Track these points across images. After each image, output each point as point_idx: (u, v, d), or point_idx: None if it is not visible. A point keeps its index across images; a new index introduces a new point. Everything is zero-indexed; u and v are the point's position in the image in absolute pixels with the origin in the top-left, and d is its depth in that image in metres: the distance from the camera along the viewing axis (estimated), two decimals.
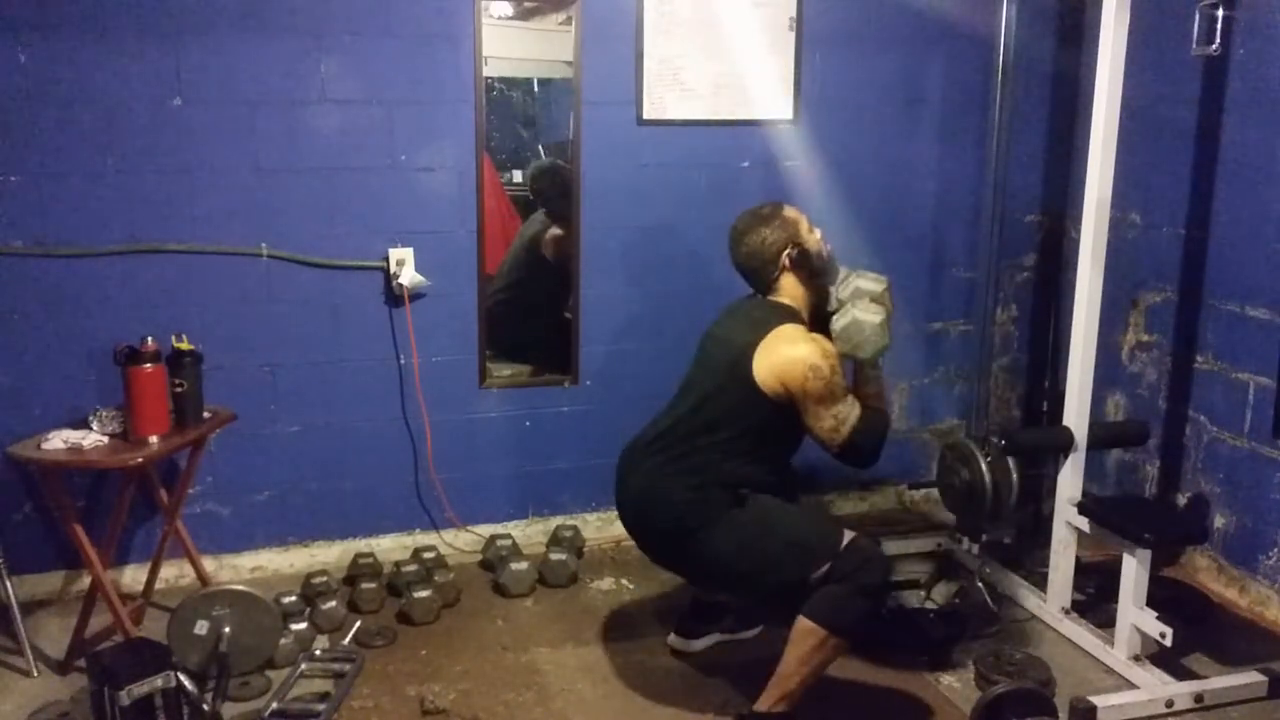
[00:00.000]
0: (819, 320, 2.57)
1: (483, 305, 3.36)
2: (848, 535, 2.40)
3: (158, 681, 2.23)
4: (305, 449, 3.27)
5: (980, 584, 3.18)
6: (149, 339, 2.72)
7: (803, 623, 2.35)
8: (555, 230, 3.49)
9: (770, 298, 2.56)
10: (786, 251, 2.50)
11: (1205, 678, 2.70)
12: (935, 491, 3.36)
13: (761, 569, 2.41)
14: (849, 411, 2.38)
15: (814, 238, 2.55)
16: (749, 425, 2.43)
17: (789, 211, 2.56)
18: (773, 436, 2.48)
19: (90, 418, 2.76)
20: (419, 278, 3.23)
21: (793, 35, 3.45)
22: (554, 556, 3.26)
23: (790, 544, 2.40)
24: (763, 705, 2.42)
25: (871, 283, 2.51)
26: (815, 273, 2.54)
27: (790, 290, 2.53)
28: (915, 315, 3.82)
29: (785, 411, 2.41)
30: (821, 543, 2.38)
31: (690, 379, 2.61)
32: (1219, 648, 2.89)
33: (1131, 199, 3.48)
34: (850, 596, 2.33)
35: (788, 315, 2.48)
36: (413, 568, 3.17)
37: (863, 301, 2.46)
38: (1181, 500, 3.40)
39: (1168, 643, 2.65)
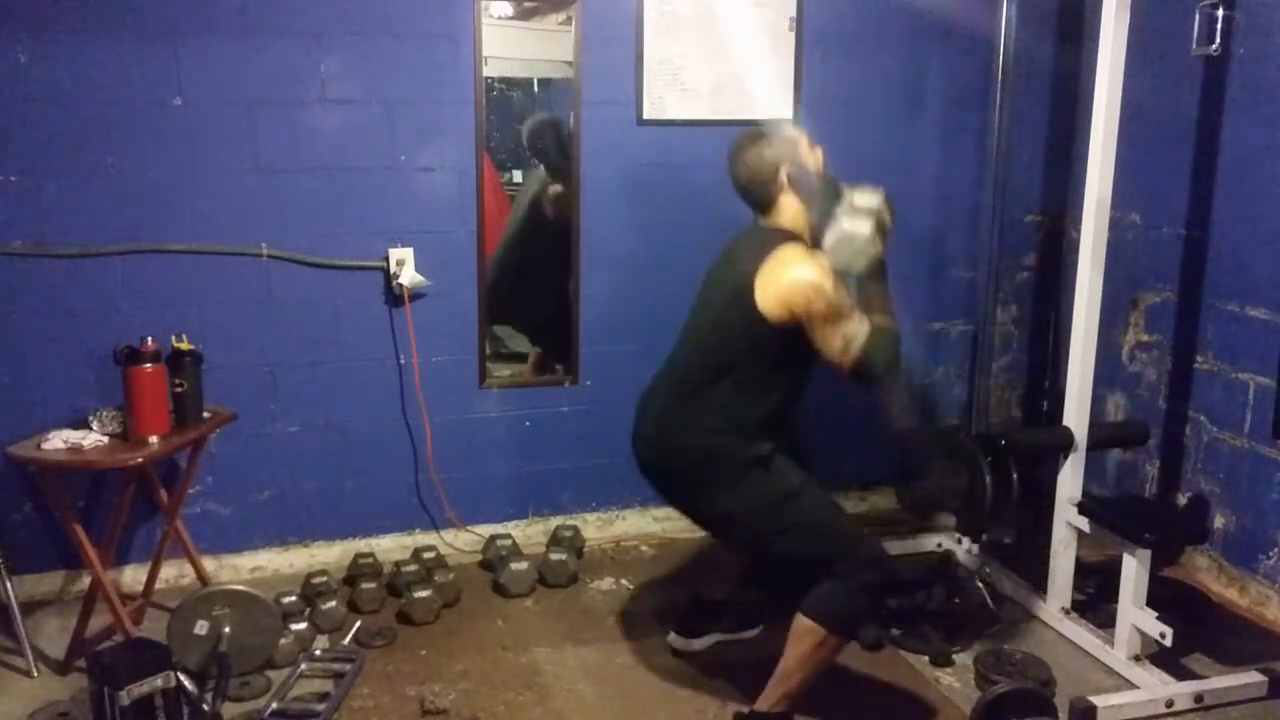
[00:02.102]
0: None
1: (483, 305, 3.36)
2: (859, 531, 2.40)
3: (158, 681, 2.23)
4: (305, 449, 3.27)
5: (980, 584, 3.18)
6: (149, 339, 2.72)
7: (802, 621, 2.35)
8: (556, 187, 3.45)
9: (768, 223, 2.47)
10: (784, 168, 2.41)
11: (1205, 678, 2.70)
12: (934, 491, 3.36)
13: (774, 535, 2.39)
14: (857, 329, 2.29)
15: (814, 157, 2.48)
16: (761, 357, 2.37)
17: (789, 129, 2.51)
18: (786, 365, 2.40)
19: (90, 418, 2.76)
20: (419, 278, 3.23)
21: (793, 35, 3.45)
22: (554, 556, 3.26)
23: (810, 525, 2.38)
24: (763, 705, 2.43)
25: (864, 196, 2.36)
26: (814, 194, 2.43)
27: (789, 213, 2.44)
28: (915, 315, 3.81)
29: (794, 338, 2.33)
30: (838, 533, 2.38)
31: (695, 320, 2.56)
32: (1219, 648, 2.89)
33: (1131, 199, 3.47)
34: (850, 594, 2.33)
35: (786, 238, 2.39)
36: (413, 568, 3.17)
37: (850, 215, 2.34)
38: (1181, 500, 3.39)
39: (1168, 643, 2.65)
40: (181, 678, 2.30)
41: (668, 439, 2.48)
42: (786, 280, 2.30)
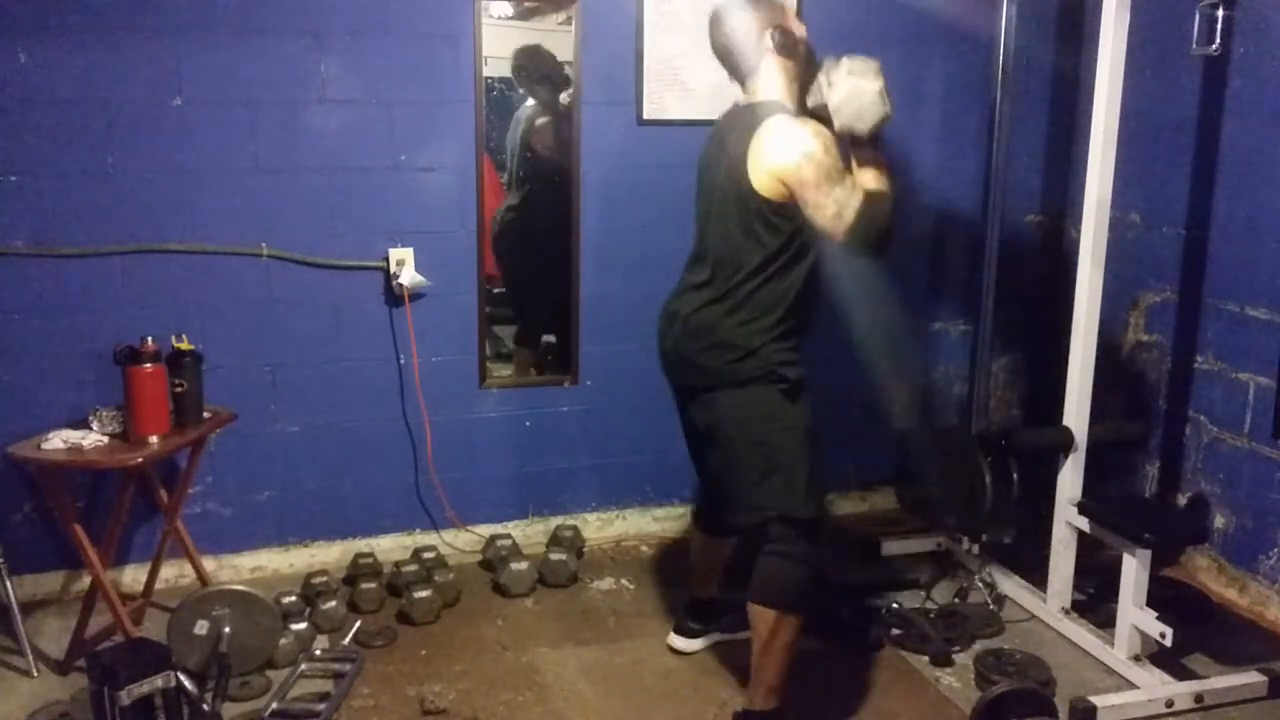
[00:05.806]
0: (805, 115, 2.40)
1: (483, 305, 3.36)
2: (820, 500, 2.40)
3: (158, 681, 2.23)
4: (305, 449, 3.27)
5: (980, 584, 3.18)
6: (149, 339, 2.72)
7: (753, 610, 2.36)
8: (543, 119, 3.42)
9: (751, 98, 2.40)
10: (769, 32, 2.33)
11: (1205, 678, 2.70)
12: (934, 491, 3.36)
13: (750, 450, 2.36)
14: (849, 197, 2.18)
15: (799, 26, 2.41)
16: (769, 238, 2.29)
17: None
18: (794, 245, 2.31)
19: (90, 418, 2.76)
20: (419, 278, 3.23)
21: None
22: (554, 556, 3.26)
23: (787, 465, 2.34)
24: (752, 704, 2.43)
25: (861, 60, 2.27)
26: (799, 61, 2.36)
27: (773, 81, 2.36)
28: (915, 315, 3.82)
29: (795, 212, 2.25)
30: (801, 489, 2.34)
31: (701, 219, 2.50)
32: (1219, 648, 2.89)
33: (1131, 199, 3.48)
34: (786, 569, 2.34)
35: (772, 109, 2.30)
36: (413, 568, 3.17)
37: (854, 73, 2.25)
38: (1181, 500, 3.40)
39: (1168, 643, 2.65)
40: (181, 678, 2.29)
41: (701, 335, 2.40)
42: (776, 151, 2.23)
